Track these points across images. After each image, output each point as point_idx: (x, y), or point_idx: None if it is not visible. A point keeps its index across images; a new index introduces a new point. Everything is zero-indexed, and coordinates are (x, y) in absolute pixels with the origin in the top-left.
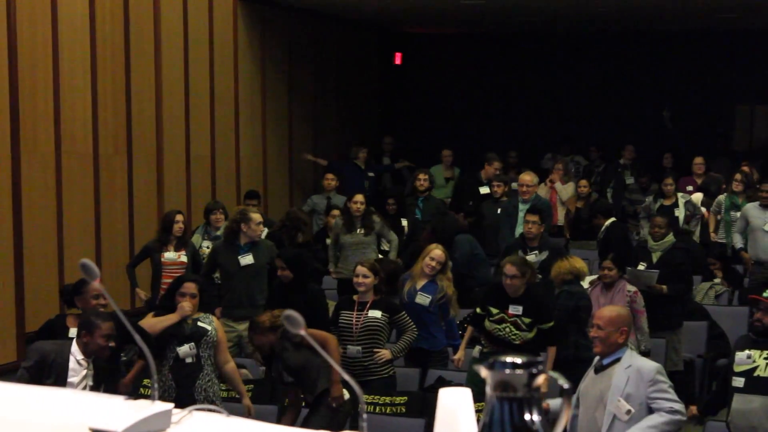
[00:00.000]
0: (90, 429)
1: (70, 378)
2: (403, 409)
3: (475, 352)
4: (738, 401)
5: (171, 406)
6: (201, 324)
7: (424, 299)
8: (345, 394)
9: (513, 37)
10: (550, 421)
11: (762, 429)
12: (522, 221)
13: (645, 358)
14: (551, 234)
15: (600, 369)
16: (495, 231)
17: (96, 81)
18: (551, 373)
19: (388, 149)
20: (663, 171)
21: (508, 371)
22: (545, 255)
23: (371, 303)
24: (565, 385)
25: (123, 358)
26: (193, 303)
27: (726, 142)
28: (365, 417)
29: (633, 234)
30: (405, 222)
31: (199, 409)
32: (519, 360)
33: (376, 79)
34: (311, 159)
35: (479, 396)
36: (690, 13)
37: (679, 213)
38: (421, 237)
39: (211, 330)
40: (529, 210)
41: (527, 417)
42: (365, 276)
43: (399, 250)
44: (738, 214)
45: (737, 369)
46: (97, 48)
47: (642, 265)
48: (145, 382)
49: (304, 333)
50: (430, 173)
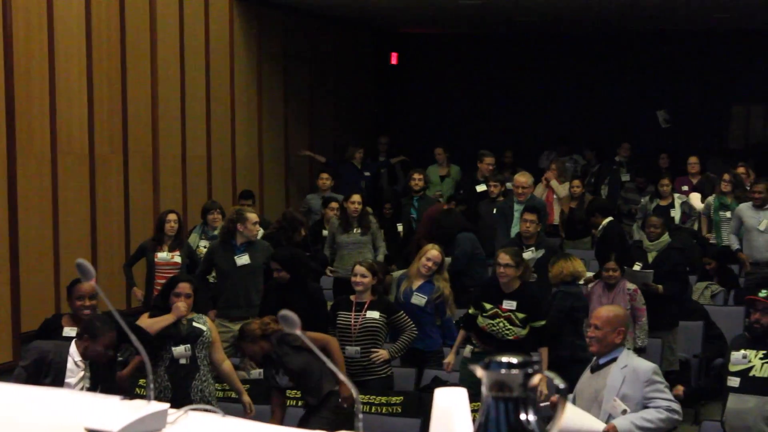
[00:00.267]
0: (86, 429)
1: (67, 379)
2: (399, 409)
3: (467, 351)
4: (733, 401)
5: (167, 406)
6: (196, 324)
7: (420, 300)
8: (354, 391)
9: (509, 38)
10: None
11: (756, 429)
12: (518, 221)
13: (641, 358)
14: (547, 233)
15: (596, 368)
16: (491, 231)
17: (92, 81)
18: (547, 373)
19: (384, 149)
20: (659, 171)
21: (503, 371)
22: (541, 253)
23: (369, 303)
24: (561, 385)
25: (119, 358)
26: (188, 303)
27: (722, 141)
28: (361, 417)
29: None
30: (400, 227)
31: (195, 409)
32: (515, 360)
33: (372, 79)
34: (309, 155)
35: (473, 396)
36: (686, 13)
37: (675, 213)
38: (417, 230)
39: (206, 330)
40: (527, 209)
41: (523, 417)
42: (363, 276)
43: (393, 254)
44: (727, 214)
45: (733, 369)
46: (93, 48)
47: (638, 265)
48: (141, 382)
49: (299, 333)
50: (425, 173)
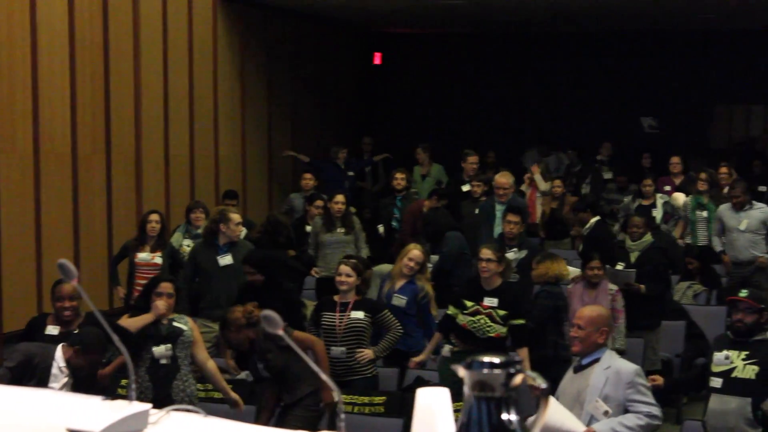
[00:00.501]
0: (68, 429)
1: (50, 383)
2: (382, 409)
3: (446, 351)
4: (715, 401)
5: (149, 406)
6: (177, 324)
7: (400, 301)
8: (335, 396)
9: (492, 37)
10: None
11: (738, 430)
12: (500, 221)
13: (624, 359)
14: (528, 233)
15: (579, 368)
16: (474, 231)
17: (75, 81)
18: (529, 373)
19: (367, 149)
20: (642, 171)
21: (486, 371)
22: (524, 253)
23: (353, 303)
24: (543, 385)
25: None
26: (169, 303)
27: (704, 141)
28: (343, 417)
29: None
30: (381, 229)
31: (177, 410)
32: (497, 360)
33: (355, 79)
34: (292, 155)
35: (454, 396)
36: (668, 14)
37: (657, 213)
38: (401, 228)
39: (187, 330)
40: (510, 210)
41: (505, 416)
42: (348, 275)
43: (375, 255)
44: (704, 213)
45: (715, 369)
46: (76, 48)
47: (620, 265)
48: (123, 382)
49: (282, 333)
50: (407, 172)
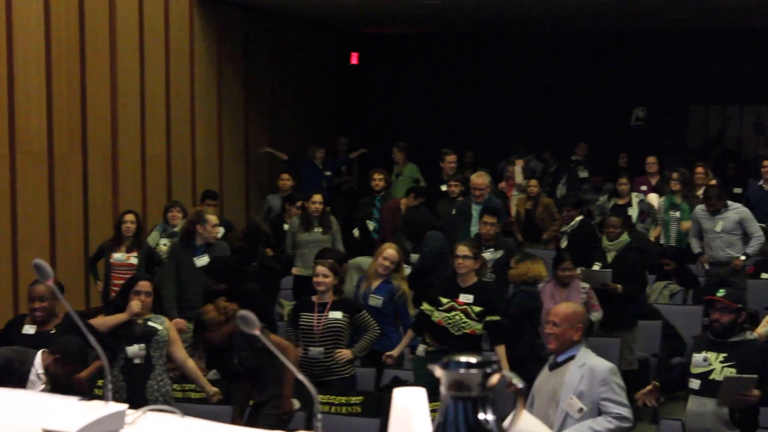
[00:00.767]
0: (44, 430)
1: (28, 389)
2: (359, 409)
3: (420, 350)
4: (693, 403)
5: (125, 407)
6: (152, 324)
7: (376, 301)
8: (295, 404)
9: (470, 37)
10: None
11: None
12: (477, 221)
13: (599, 357)
14: (504, 233)
15: (554, 366)
16: (451, 231)
17: (51, 80)
18: (506, 372)
19: (343, 149)
20: (616, 170)
21: (462, 371)
22: (500, 254)
23: (331, 304)
24: (519, 385)
25: None
26: (147, 302)
27: (680, 141)
28: (320, 417)
29: None
30: (357, 232)
31: (154, 410)
32: (473, 359)
33: (332, 79)
34: (271, 151)
35: (430, 395)
36: (645, 14)
37: (633, 212)
38: (381, 227)
39: (162, 330)
40: (486, 210)
41: (482, 416)
42: (325, 276)
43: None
44: (677, 213)
45: (694, 371)
46: (52, 47)
47: (597, 265)
48: (99, 383)
49: (259, 333)
50: (386, 173)
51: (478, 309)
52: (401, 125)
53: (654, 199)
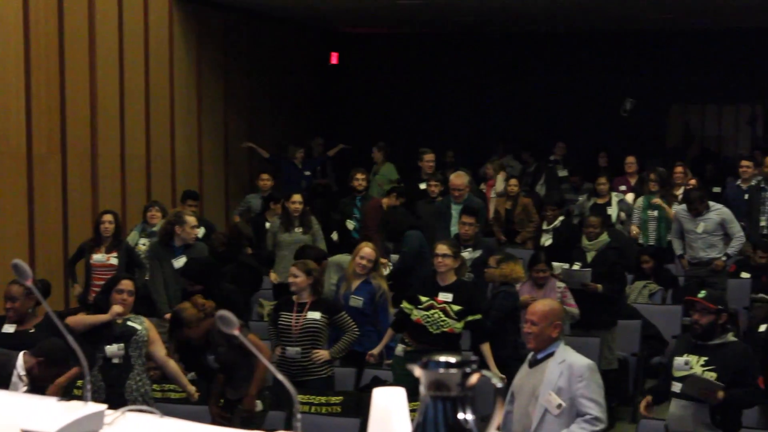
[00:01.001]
0: (22, 430)
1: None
2: (339, 409)
3: (399, 350)
4: (675, 406)
5: (104, 407)
6: (131, 324)
7: (357, 302)
8: (258, 406)
9: (449, 37)
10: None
11: None
12: (456, 221)
13: (578, 353)
14: (484, 234)
15: (534, 363)
16: (431, 231)
17: (30, 80)
18: (485, 372)
19: (318, 150)
20: (596, 169)
21: (441, 370)
22: (479, 253)
23: (310, 304)
24: (498, 384)
25: None
26: (129, 301)
27: (660, 141)
28: (299, 417)
29: None
30: (335, 236)
31: (133, 410)
32: (453, 359)
33: (312, 79)
34: (253, 147)
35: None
36: (624, 13)
37: (612, 212)
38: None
39: (141, 330)
40: (465, 211)
41: (461, 416)
42: (295, 276)
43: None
44: (655, 213)
45: (676, 374)
46: (31, 47)
47: (576, 265)
48: (78, 383)
49: (238, 333)
50: (367, 172)
51: (457, 308)
52: (381, 125)
53: (630, 199)
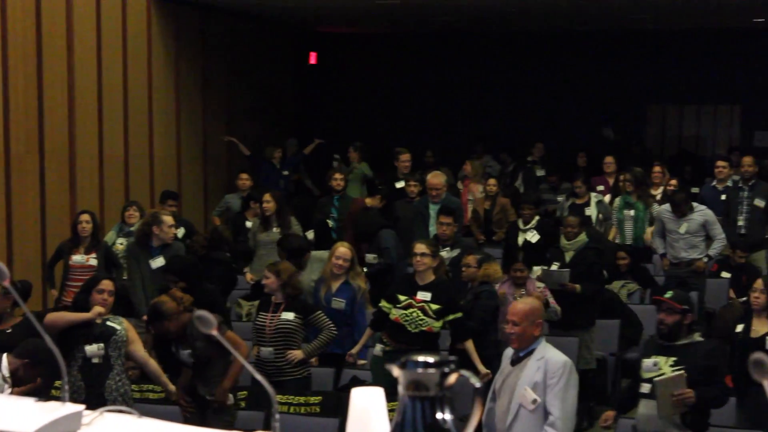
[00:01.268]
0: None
1: None
2: (318, 409)
3: (377, 350)
4: (644, 406)
5: (82, 407)
6: (110, 324)
7: (339, 304)
8: (230, 399)
9: (429, 37)
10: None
11: None
12: (434, 221)
13: (558, 351)
14: (463, 234)
15: (516, 361)
16: (409, 231)
17: (7, 80)
18: (464, 372)
19: (292, 151)
20: (574, 169)
21: (420, 370)
22: (456, 252)
23: (285, 304)
24: (477, 384)
25: None
26: (110, 301)
27: (638, 141)
28: (278, 417)
29: None
30: (311, 234)
31: (111, 410)
32: (431, 359)
33: (291, 79)
34: (235, 141)
35: (388, 395)
36: (602, 14)
37: (591, 212)
38: (345, 230)
39: (121, 330)
40: (443, 211)
41: (439, 416)
42: (266, 277)
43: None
44: (631, 212)
45: (645, 376)
46: (9, 46)
47: (555, 265)
48: (57, 383)
49: (216, 333)
50: (346, 172)
51: (435, 307)
52: (360, 125)
53: (608, 201)
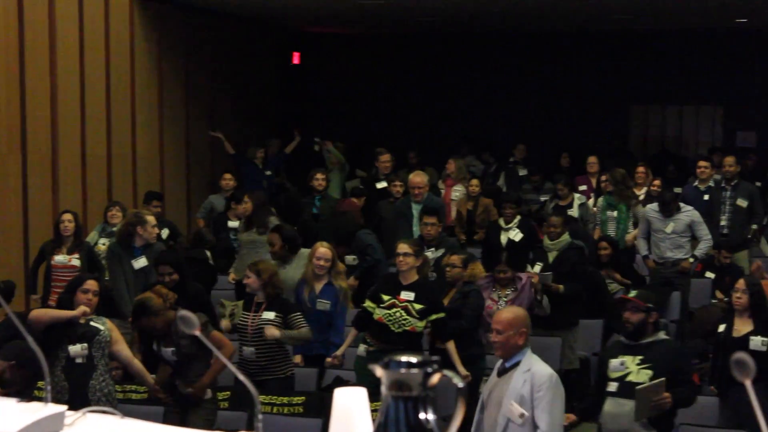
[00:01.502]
0: None
1: None
2: (301, 410)
3: (361, 350)
4: (610, 405)
5: (64, 408)
6: (94, 324)
7: (324, 305)
8: (208, 394)
9: (412, 37)
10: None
11: None
12: (418, 221)
13: (543, 363)
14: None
15: (502, 372)
16: (392, 232)
17: None
18: (446, 372)
19: (273, 151)
20: (557, 169)
21: (403, 370)
22: (441, 252)
23: (266, 304)
24: (460, 384)
25: None
26: (94, 301)
27: (621, 141)
28: (261, 417)
29: None
30: None
31: (93, 411)
32: (414, 359)
33: (274, 79)
34: (221, 138)
35: (371, 395)
36: (585, 14)
37: (574, 213)
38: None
39: (104, 330)
40: (426, 211)
41: (422, 416)
42: (247, 276)
43: None
44: (614, 213)
45: (611, 375)
46: None
47: (538, 265)
48: (40, 384)
49: (199, 333)
50: (327, 172)
51: (419, 306)
52: (344, 125)
53: (591, 204)
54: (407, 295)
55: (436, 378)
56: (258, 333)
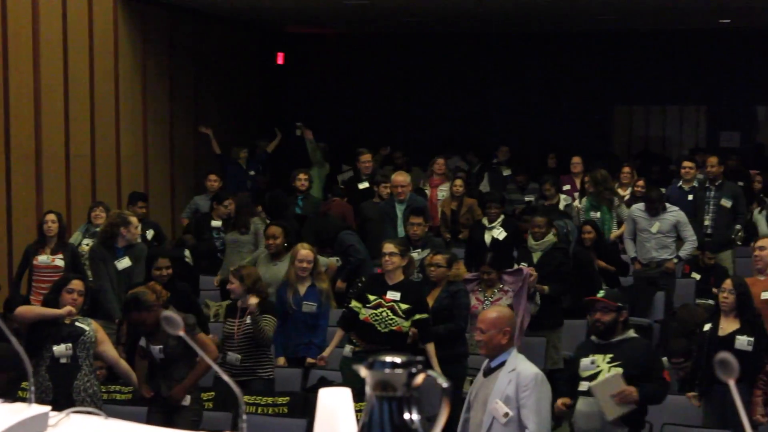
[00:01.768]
0: None
1: None
2: (285, 410)
3: (347, 351)
4: (582, 404)
5: (48, 408)
6: (79, 324)
7: (310, 308)
8: (186, 400)
9: (396, 38)
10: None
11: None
12: (402, 221)
13: (529, 362)
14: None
15: (488, 372)
16: (377, 233)
17: None
18: (431, 372)
19: (260, 151)
20: (546, 171)
21: (387, 371)
22: (426, 252)
23: (248, 309)
24: (444, 384)
25: None
26: (79, 301)
27: (605, 142)
28: (245, 418)
29: None
30: None
31: (78, 412)
32: (398, 359)
33: (258, 79)
34: (209, 134)
35: (357, 395)
36: (568, 15)
37: None
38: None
39: (89, 330)
40: (412, 212)
41: (407, 416)
42: (231, 282)
43: None
44: (598, 214)
45: (583, 374)
46: None
47: (523, 266)
48: (24, 384)
49: (183, 334)
50: (309, 173)
51: (405, 306)
52: (328, 125)
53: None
54: (393, 295)
55: (420, 378)
56: (244, 338)
